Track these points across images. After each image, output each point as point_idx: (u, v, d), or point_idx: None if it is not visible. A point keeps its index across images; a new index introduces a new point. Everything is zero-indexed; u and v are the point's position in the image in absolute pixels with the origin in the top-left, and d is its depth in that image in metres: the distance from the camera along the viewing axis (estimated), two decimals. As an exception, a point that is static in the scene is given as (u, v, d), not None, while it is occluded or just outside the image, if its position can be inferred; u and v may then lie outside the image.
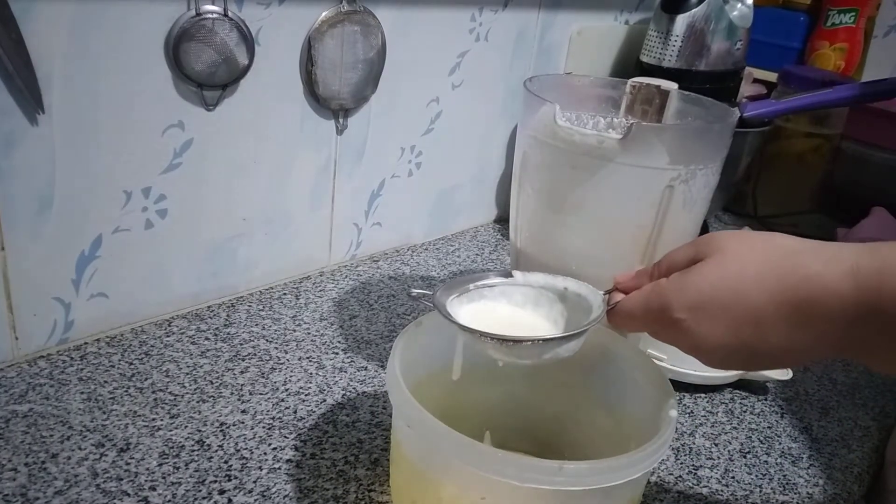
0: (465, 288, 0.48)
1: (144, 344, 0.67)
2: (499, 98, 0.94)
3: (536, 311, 0.49)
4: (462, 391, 0.52)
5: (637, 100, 0.64)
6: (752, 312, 0.38)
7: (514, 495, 0.40)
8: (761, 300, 0.38)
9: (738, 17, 0.92)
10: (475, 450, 0.39)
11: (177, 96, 0.64)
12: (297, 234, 0.79)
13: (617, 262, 0.57)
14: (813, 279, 0.36)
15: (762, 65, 1.16)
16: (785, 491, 0.59)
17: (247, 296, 0.77)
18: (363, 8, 0.72)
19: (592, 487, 0.39)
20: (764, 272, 0.38)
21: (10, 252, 0.58)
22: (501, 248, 0.96)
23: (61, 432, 0.55)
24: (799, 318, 0.37)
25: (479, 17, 0.86)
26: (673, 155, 0.53)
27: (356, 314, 0.76)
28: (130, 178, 0.63)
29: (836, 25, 1.18)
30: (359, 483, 0.53)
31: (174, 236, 0.68)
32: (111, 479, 0.51)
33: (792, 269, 0.37)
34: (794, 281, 0.37)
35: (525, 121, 0.60)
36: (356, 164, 0.81)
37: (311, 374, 0.65)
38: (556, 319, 0.48)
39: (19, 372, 0.61)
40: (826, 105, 1.01)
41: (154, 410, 0.58)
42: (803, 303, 0.37)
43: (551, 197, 0.58)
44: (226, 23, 0.63)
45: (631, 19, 1.08)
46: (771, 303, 0.37)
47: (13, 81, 0.53)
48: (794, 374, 0.73)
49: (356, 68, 0.74)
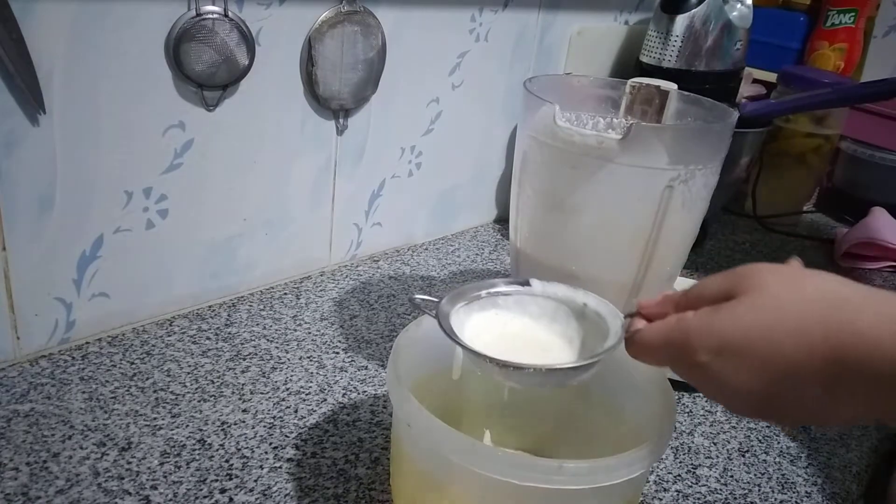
0: (476, 296, 0.45)
1: (146, 343, 0.67)
2: (499, 98, 0.95)
3: (552, 327, 0.46)
4: (462, 391, 0.52)
5: (637, 100, 0.64)
6: (788, 368, 0.33)
7: (514, 494, 0.40)
8: (799, 356, 0.33)
9: (737, 18, 0.93)
10: (475, 449, 0.39)
11: (177, 97, 0.64)
12: (298, 234, 0.79)
13: (616, 262, 0.57)
14: (865, 335, 0.31)
15: (762, 65, 1.16)
16: (783, 490, 0.59)
17: (248, 295, 0.77)
18: (363, 8, 0.73)
19: (592, 486, 0.39)
20: (806, 324, 0.33)
21: (11, 252, 0.58)
22: (501, 248, 0.96)
23: (63, 432, 0.55)
24: (843, 381, 0.32)
25: (479, 17, 0.86)
26: (672, 155, 0.53)
27: (356, 314, 0.76)
28: (131, 178, 0.64)
29: (836, 26, 1.18)
30: (359, 482, 0.53)
31: (175, 236, 0.69)
32: (112, 479, 0.51)
33: (839, 325, 0.32)
34: (841, 338, 0.32)
35: (525, 121, 0.60)
36: (356, 165, 0.81)
37: (311, 373, 0.66)
38: (571, 338, 0.45)
39: (21, 371, 0.61)
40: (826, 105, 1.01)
41: (155, 410, 0.58)
42: (850, 363, 0.32)
43: (551, 197, 0.58)
44: (226, 23, 0.63)
45: (631, 20, 1.08)
46: (811, 359, 0.33)
47: (14, 81, 0.54)
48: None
49: (356, 68, 0.74)
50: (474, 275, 0.88)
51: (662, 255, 0.57)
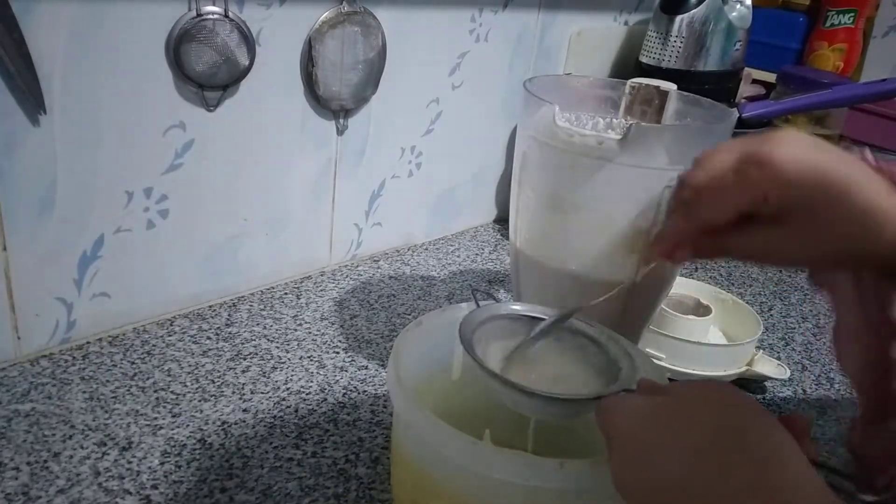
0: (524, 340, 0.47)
1: (146, 343, 0.67)
2: (499, 98, 0.95)
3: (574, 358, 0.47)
4: (462, 390, 0.52)
5: (636, 100, 0.64)
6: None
7: (514, 494, 0.40)
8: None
9: (737, 18, 0.93)
10: (476, 448, 0.39)
11: (178, 97, 0.64)
12: (298, 235, 0.79)
13: (616, 262, 0.57)
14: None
15: (761, 65, 1.16)
16: (783, 490, 0.59)
17: (248, 295, 0.77)
18: (363, 9, 0.73)
19: (593, 486, 0.39)
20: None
21: (12, 252, 0.58)
22: (501, 248, 0.97)
23: (63, 431, 0.55)
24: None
25: (479, 17, 0.86)
26: (672, 155, 0.54)
27: (357, 314, 0.76)
28: (132, 178, 0.64)
29: (835, 26, 1.18)
30: (359, 481, 0.53)
31: (176, 236, 0.69)
32: (113, 478, 0.51)
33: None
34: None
35: (525, 121, 0.60)
36: (357, 165, 0.82)
37: (312, 373, 0.66)
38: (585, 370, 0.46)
39: (22, 371, 0.61)
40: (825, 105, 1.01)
41: (156, 409, 0.58)
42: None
43: (551, 197, 0.58)
44: (226, 23, 0.63)
45: (630, 20, 1.08)
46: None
47: (14, 82, 0.54)
48: (792, 373, 0.73)
49: (356, 69, 0.75)
50: (474, 275, 0.88)
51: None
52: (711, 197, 0.40)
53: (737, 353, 0.70)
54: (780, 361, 0.72)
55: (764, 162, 0.37)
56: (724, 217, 0.40)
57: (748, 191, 0.38)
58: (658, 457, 0.33)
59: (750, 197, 0.38)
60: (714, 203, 0.40)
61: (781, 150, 0.37)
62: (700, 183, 0.40)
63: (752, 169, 0.38)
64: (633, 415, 0.35)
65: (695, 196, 0.40)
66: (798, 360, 0.78)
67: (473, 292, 0.48)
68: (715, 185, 0.39)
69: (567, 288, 0.59)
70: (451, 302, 0.81)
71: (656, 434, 0.34)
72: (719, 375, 0.69)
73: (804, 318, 0.87)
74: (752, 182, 0.38)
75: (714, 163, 0.39)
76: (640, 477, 0.33)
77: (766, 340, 0.81)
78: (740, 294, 0.90)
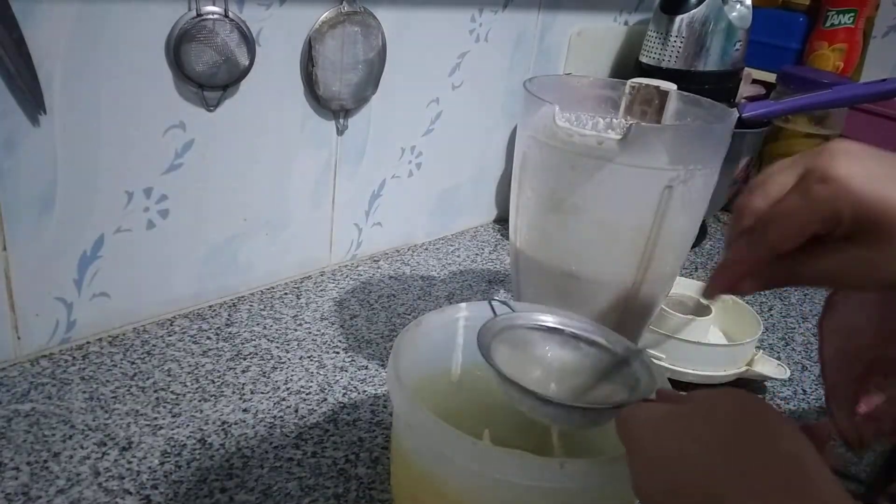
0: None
1: (146, 343, 0.67)
2: (499, 98, 0.95)
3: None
4: (462, 390, 0.53)
5: (636, 100, 0.64)
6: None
7: (514, 494, 0.40)
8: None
9: (737, 18, 0.93)
10: (476, 448, 0.39)
11: (178, 97, 0.64)
12: (298, 235, 0.79)
13: (616, 262, 0.57)
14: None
15: (761, 65, 1.16)
16: (783, 490, 0.59)
17: (248, 295, 0.77)
18: (363, 9, 0.73)
19: (593, 485, 0.39)
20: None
21: (12, 252, 0.58)
22: (501, 248, 0.97)
23: (63, 431, 0.55)
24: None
25: (479, 17, 0.86)
26: (672, 155, 0.54)
27: (357, 314, 0.76)
28: (132, 178, 0.64)
29: (835, 26, 1.18)
30: (360, 481, 0.53)
31: (176, 236, 0.69)
32: (113, 478, 0.51)
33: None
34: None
35: (525, 121, 0.60)
36: (357, 165, 0.82)
37: (312, 373, 0.66)
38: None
39: (21, 371, 0.61)
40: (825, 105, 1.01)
41: (156, 409, 0.58)
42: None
43: (551, 197, 0.58)
44: (226, 24, 0.63)
45: (630, 20, 1.08)
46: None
47: (14, 82, 0.54)
48: (792, 372, 0.73)
49: (356, 69, 0.75)
50: (474, 275, 0.88)
51: (662, 255, 0.57)
52: (778, 222, 0.36)
53: (737, 353, 0.70)
54: (780, 361, 0.72)
55: (829, 177, 0.34)
56: (794, 242, 0.36)
57: (818, 211, 0.35)
58: (679, 462, 0.32)
59: (821, 216, 0.35)
60: (782, 228, 0.36)
61: (841, 162, 0.34)
62: (761, 208, 0.37)
63: (817, 187, 0.34)
64: (653, 422, 0.35)
65: (758, 223, 0.37)
66: (798, 360, 0.78)
67: (490, 301, 0.49)
68: (780, 209, 0.36)
69: (567, 288, 0.59)
70: (451, 302, 0.81)
71: (677, 440, 0.33)
72: (719, 375, 0.69)
73: (804, 318, 0.87)
74: (820, 200, 0.34)
75: (773, 185, 0.37)
76: (660, 483, 0.33)
77: (766, 340, 0.81)
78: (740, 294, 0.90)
